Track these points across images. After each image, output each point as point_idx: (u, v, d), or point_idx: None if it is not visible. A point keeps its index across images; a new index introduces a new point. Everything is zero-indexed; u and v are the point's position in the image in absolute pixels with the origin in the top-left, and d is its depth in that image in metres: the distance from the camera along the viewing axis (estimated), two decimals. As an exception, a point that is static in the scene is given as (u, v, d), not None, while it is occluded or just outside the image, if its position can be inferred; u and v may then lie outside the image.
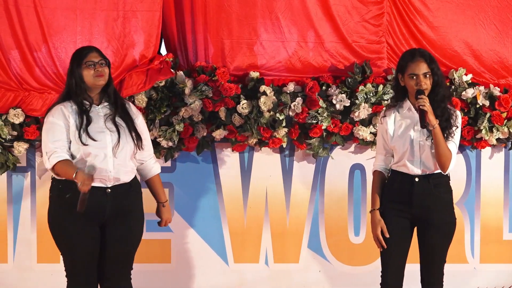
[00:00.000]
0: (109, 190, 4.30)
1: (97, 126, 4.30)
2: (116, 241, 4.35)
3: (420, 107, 4.37)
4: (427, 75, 4.45)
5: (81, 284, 4.35)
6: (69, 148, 4.27)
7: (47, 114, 4.34)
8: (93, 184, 4.19)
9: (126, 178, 4.36)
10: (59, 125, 4.27)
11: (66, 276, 4.39)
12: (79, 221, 4.26)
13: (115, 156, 4.29)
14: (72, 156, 4.28)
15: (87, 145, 4.25)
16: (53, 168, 4.24)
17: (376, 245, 4.58)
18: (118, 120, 4.35)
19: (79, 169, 4.12)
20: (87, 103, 4.33)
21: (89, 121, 4.28)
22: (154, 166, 4.55)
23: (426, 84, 4.45)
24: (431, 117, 4.38)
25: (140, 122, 4.46)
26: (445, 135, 4.46)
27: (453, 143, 4.49)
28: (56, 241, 4.37)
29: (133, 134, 4.36)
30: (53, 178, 4.39)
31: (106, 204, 4.30)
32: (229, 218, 5.63)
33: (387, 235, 4.52)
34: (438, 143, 4.42)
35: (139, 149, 4.40)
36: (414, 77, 4.46)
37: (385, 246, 4.53)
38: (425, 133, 4.48)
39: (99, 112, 4.35)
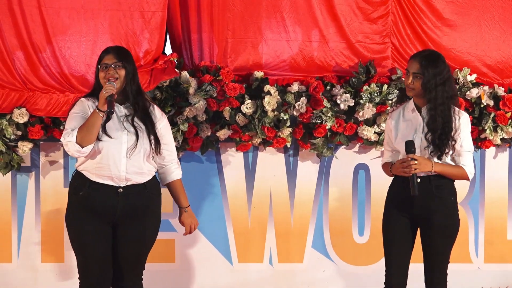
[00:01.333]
0: (121, 189, 4.30)
1: (115, 124, 4.30)
2: (127, 242, 4.35)
3: (409, 174, 4.42)
4: (418, 76, 4.45)
5: (93, 284, 4.34)
6: None
7: (71, 108, 4.39)
8: (105, 182, 4.27)
9: (140, 179, 4.34)
10: (79, 114, 4.30)
11: (79, 277, 4.38)
12: (90, 220, 4.28)
13: (129, 157, 4.29)
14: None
15: (101, 140, 4.25)
16: (76, 139, 4.19)
17: (406, 166, 4.45)
18: (137, 121, 4.33)
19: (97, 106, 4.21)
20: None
21: (108, 118, 4.27)
22: (174, 171, 4.51)
23: (414, 84, 4.45)
24: (425, 169, 4.43)
25: (162, 126, 4.42)
26: (445, 147, 4.45)
27: (465, 152, 4.52)
28: (70, 240, 4.38)
29: (152, 138, 4.34)
30: (72, 177, 4.41)
31: (117, 203, 4.29)
32: (233, 218, 5.63)
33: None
34: (446, 175, 4.49)
35: (156, 154, 4.38)
36: (407, 74, 4.49)
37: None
38: (426, 140, 4.48)
39: (120, 112, 4.34)
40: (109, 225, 4.32)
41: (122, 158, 4.28)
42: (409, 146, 4.44)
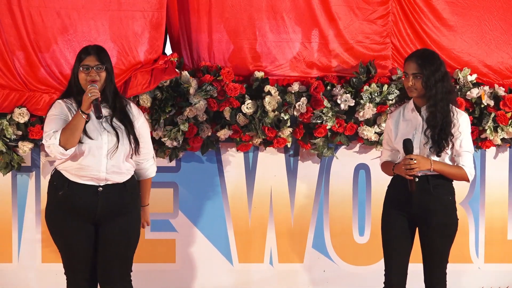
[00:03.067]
0: (101, 188, 4.30)
1: (95, 125, 4.30)
2: (110, 242, 4.35)
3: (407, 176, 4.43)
4: (417, 76, 4.45)
5: (78, 280, 4.37)
6: None
7: (48, 110, 4.37)
8: (85, 182, 4.27)
9: (119, 179, 4.34)
10: (58, 116, 4.30)
11: (65, 273, 4.43)
12: (71, 218, 4.29)
13: (110, 158, 4.29)
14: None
15: (82, 142, 4.25)
16: (60, 141, 4.18)
17: (407, 168, 4.45)
18: (116, 122, 4.33)
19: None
20: None
21: (87, 120, 4.27)
22: (149, 168, 4.51)
23: (415, 85, 4.46)
24: (424, 168, 4.43)
25: (140, 124, 4.42)
26: (445, 144, 4.45)
27: (465, 152, 4.51)
28: (52, 238, 4.41)
29: (131, 138, 4.34)
30: (51, 175, 4.41)
31: (97, 202, 4.30)
32: (234, 218, 5.63)
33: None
34: (444, 174, 4.49)
35: (136, 154, 4.38)
36: (406, 76, 4.49)
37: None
38: (425, 138, 4.48)
39: None
40: (90, 223, 4.33)
41: (103, 159, 4.29)
42: (407, 145, 4.44)
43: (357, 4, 5.50)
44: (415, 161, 4.41)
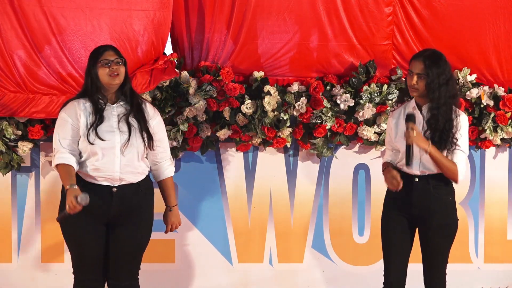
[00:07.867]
0: (115, 189, 4.31)
1: (108, 125, 4.31)
2: (121, 240, 4.37)
3: (407, 143, 4.38)
4: (422, 77, 4.43)
5: (87, 280, 4.38)
6: (78, 146, 4.30)
7: (61, 109, 4.38)
8: (100, 183, 4.28)
9: (133, 178, 4.36)
10: (68, 122, 4.30)
11: (73, 272, 4.43)
12: (85, 219, 4.27)
13: (123, 155, 4.29)
14: (81, 154, 4.32)
15: (93, 144, 4.26)
16: (56, 167, 4.30)
17: (393, 185, 4.46)
18: (132, 119, 4.34)
19: (72, 186, 4.16)
20: (102, 102, 4.33)
21: (101, 120, 4.28)
22: (167, 168, 4.51)
23: (418, 84, 4.44)
24: (421, 144, 4.38)
25: (156, 123, 4.43)
26: (446, 145, 4.44)
27: (460, 152, 4.47)
28: (64, 237, 4.42)
29: (144, 135, 4.35)
30: None
31: (111, 203, 4.32)
32: (233, 218, 5.63)
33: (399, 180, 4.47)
34: (438, 163, 4.44)
35: (150, 150, 4.39)
36: (410, 74, 4.47)
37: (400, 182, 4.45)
38: (425, 138, 4.47)
39: (113, 111, 4.35)
40: (103, 224, 4.35)
41: (116, 158, 4.30)
42: (411, 117, 4.41)
43: (358, 4, 5.49)
44: (414, 133, 4.38)
